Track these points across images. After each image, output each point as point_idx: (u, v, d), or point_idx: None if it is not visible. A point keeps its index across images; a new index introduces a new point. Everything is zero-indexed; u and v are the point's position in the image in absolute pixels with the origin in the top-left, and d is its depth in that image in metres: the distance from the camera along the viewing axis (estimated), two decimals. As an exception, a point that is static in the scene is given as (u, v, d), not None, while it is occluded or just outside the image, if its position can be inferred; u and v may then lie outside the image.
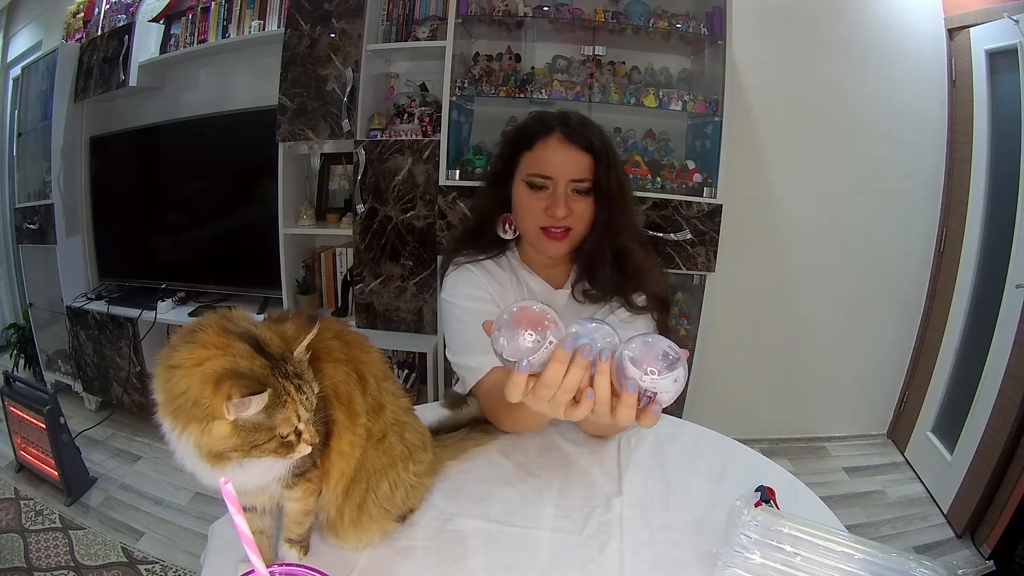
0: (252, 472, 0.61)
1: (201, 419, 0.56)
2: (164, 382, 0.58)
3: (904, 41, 2.30)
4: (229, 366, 0.56)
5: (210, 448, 0.57)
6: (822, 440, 2.59)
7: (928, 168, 2.40)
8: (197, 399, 0.56)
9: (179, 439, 0.57)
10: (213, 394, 0.55)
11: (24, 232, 2.96)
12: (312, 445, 0.61)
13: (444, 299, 1.09)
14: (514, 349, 0.60)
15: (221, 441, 0.56)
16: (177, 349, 0.58)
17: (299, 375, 0.60)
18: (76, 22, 2.88)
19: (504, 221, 1.09)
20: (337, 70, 2.19)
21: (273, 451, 0.59)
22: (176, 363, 0.57)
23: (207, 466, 0.58)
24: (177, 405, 0.56)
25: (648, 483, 0.89)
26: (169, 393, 0.57)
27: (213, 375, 0.55)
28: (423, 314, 2.26)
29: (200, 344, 0.58)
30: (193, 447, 0.57)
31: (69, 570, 1.79)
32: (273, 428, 0.58)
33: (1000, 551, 1.83)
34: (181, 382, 0.56)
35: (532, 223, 1.03)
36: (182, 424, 0.57)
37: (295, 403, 0.59)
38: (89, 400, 2.85)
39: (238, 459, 0.58)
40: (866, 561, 0.65)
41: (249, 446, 0.57)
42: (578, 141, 1.01)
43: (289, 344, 0.61)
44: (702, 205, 2.02)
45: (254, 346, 0.59)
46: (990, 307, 2.04)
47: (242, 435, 0.57)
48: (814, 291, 2.51)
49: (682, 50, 2.25)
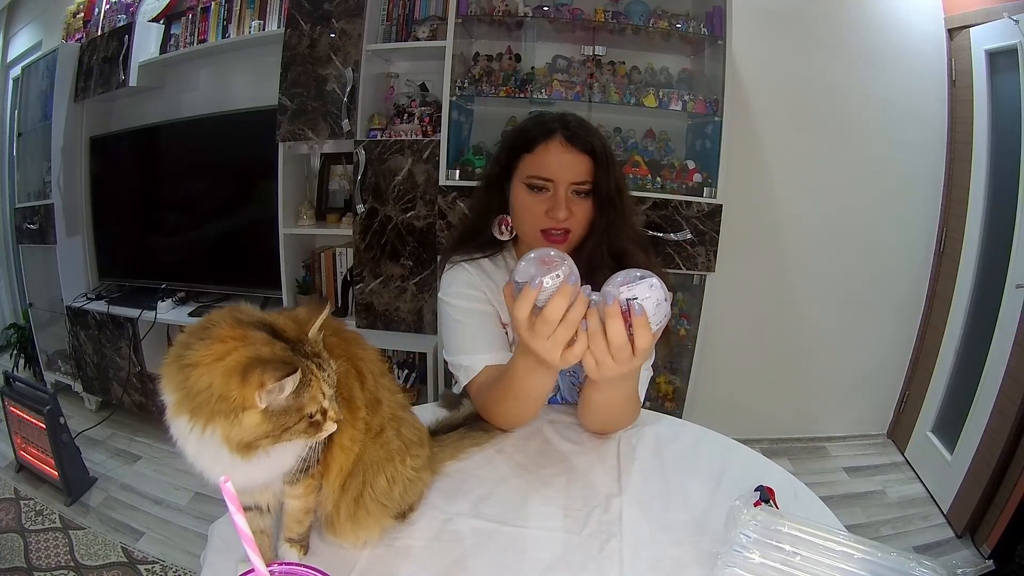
0: (270, 463, 0.61)
1: (228, 412, 0.56)
2: (180, 382, 0.57)
3: (904, 41, 2.30)
4: (253, 355, 0.57)
5: (240, 439, 0.57)
6: (822, 440, 2.59)
7: (928, 168, 2.40)
8: (222, 393, 0.56)
9: (200, 437, 0.57)
10: (242, 385, 0.55)
11: (24, 232, 2.96)
12: (337, 421, 0.63)
13: (440, 298, 1.10)
14: (526, 274, 0.69)
15: (252, 430, 0.57)
16: (191, 347, 0.58)
17: (317, 354, 0.61)
18: (76, 22, 2.88)
19: (500, 222, 1.09)
20: (337, 70, 2.19)
21: (303, 432, 0.60)
22: (192, 361, 0.57)
23: (236, 458, 0.58)
24: (198, 403, 0.56)
25: (648, 483, 0.89)
26: (186, 392, 0.57)
27: (238, 367, 0.56)
28: (423, 314, 2.26)
29: (216, 339, 0.58)
30: (222, 441, 0.57)
31: (69, 570, 1.79)
32: (302, 408, 0.59)
33: (1000, 551, 1.83)
34: (202, 379, 0.56)
35: (532, 225, 1.03)
36: (204, 421, 0.56)
37: (319, 380, 0.60)
38: (89, 400, 2.85)
39: (268, 445, 0.59)
40: (866, 561, 0.65)
41: (281, 430, 0.58)
42: (579, 144, 1.01)
43: (303, 327, 0.62)
44: (702, 205, 2.02)
45: (270, 333, 0.59)
46: (990, 307, 2.04)
47: (273, 420, 0.57)
48: (814, 291, 2.51)
49: (682, 50, 2.25)
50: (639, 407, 1.02)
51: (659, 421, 1.07)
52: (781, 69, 2.31)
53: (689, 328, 2.20)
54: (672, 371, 2.30)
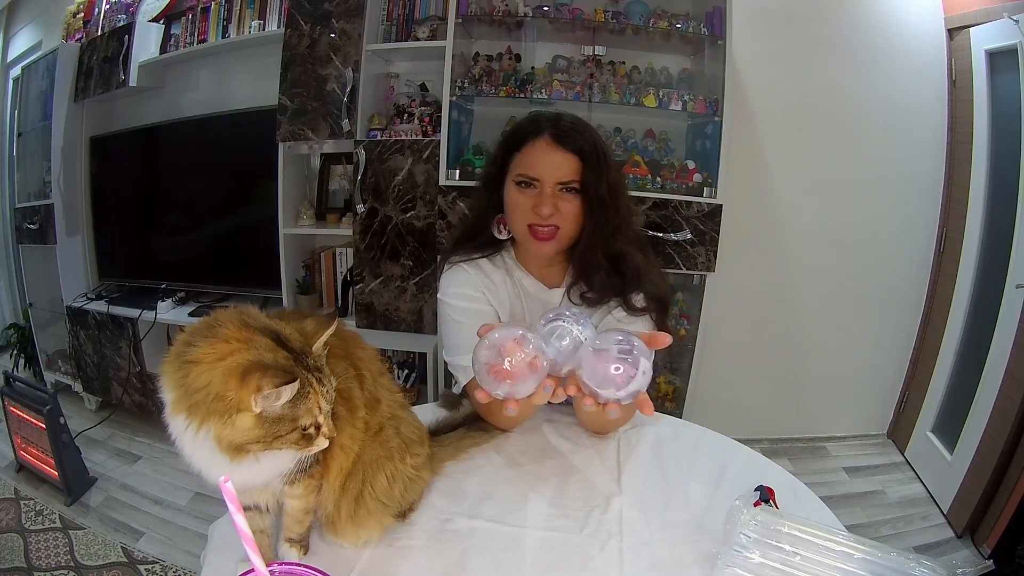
0: (264, 467, 0.61)
1: (223, 413, 0.56)
2: (180, 378, 0.58)
3: (904, 41, 2.30)
4: (254, 358, 0.57)
5: (231, 441, 0.57)
6: (822, 440, 2.59)
7: (928, 168, 2.39)
8: (220, 393, 0.56)
9: (195, 435, 0.57)
10: (239, 387, 0.56)
11: (24, 232, 2.96)
12: (330, 439, 0.63)
13: (439, 299, 1.10)
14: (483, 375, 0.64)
15: (244, 433, 0.57)
16: (194, 345, 0.58)
17: (319, 369, 0.62)
18: (76, 22, 2.88)
19: (499, 222, 1.10)
20: (337, 70, 2.19)
21: (294, 443, 0.60)
22: (194, 359, 0.57)
23: (226, 459, 0.58)
24: (195, 400, 0.57)
25: (648, 483, 0.89)
26: (185, 389, 0.57)
27: (238, 368, 0.56)
28: (423, 314, 2.26)
29: (221, 339, 0.58)
30: (213, 441, 0.57)
31: (69, 570, 1.79)
32: (296, 419, 0.59)
33: (1000, 551, 1.83)
34: (201, 377, 0.56)
35: (521, 221, 1.03)
36: (200, 419, 0.57)
37: (317, 395, 0.60)
38: (89, 400, 2.85)
39: (258, 451, 0.59)
40: (866, 561, 0.65)
41: (272, 437, 0.58)
42: (566, 144, 1.00)
43: (308, 339, 0.63)
44: (702, 205, 2.02)
45: (275, 340, 0.60)
46: (990, 307, 2.04)
47: (265, 427, 0.58)
48: (814, 291, 2.51)
49: (682, 50, 2.25)
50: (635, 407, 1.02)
51: (659, 421, 1.07)
52: (781, 69, 2.31)
53: (689, 328, 2.20)
54: (672, 371, 2.30)
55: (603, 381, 0.62)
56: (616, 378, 0.62)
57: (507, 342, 0.63)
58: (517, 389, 0.63)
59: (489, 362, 0.63)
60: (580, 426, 1.04)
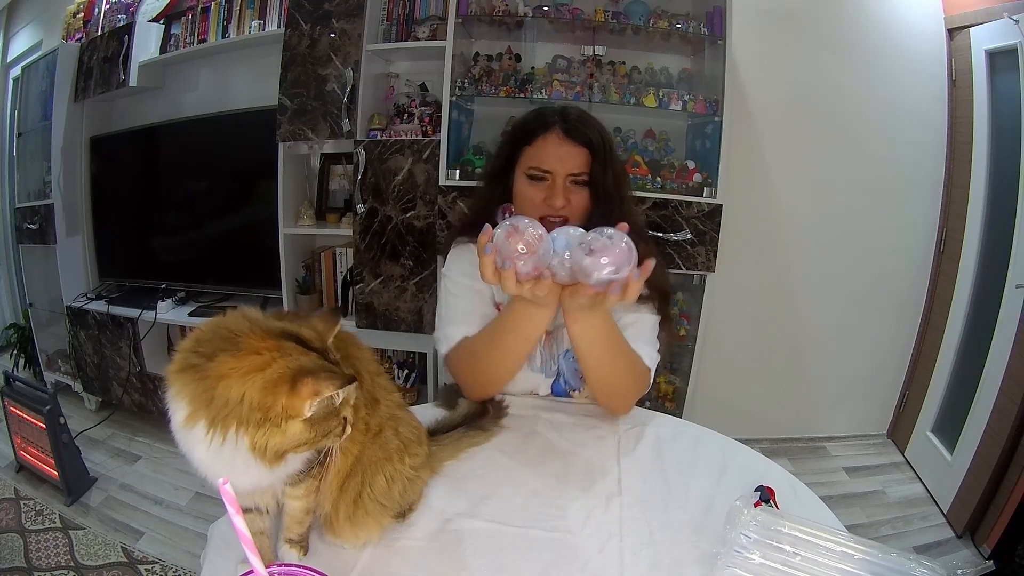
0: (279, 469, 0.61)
1: (262, 422, 0.56)
2: (201, 392, 0.56)
3: (904, 41, 2.30)
4: (295, 365, 0.58)
5: (277, 448, 0.58)
6: (822, 440, 2.59)
7: (928, 168, 2.40)
8: (261, 403, 0.56)
9: (221, 444, 0.56)
10: (290, 395, 0.57)
11: (24, 232, 2.96)
12: (353, 425, 0.65)
13: (442, 273, 1.15)
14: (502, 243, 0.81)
15: (294, 438, 0.58)
16: (214, 359, 0.57)
17: (338, 362, 0.64)
18: (76, 22, 2.88)
19: (504, 211, 1.12)
20: (337, 70, 2.19)
21: (338, 436, 0.63)
22: (220, 373, 0.56)
23: (264, 466, 0.58)
24: (224, 413, 0.56)
25: (648, 483, 0.89)
26: (207, 401, 0.56)
27: (285, 377, 0.57)
28: (423, 314, 2.26)
29: (249, 350, 0.58)
30: (249, 450, 0.57)
31: (69, 570, 1.79)
32: (338, 413, 0.61)
33: (1000, 551, 1.83)
34: (232, 391, 0.56)
35: (532, 213, 1.05)
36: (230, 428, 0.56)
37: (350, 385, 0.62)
38: (89, 400, 2.85)
39: (302, 452, 0.61)
40: (866, 561, 0.65)
41: (321, 436, 0.60)
42: (576, 137, 1.05)
43: (323, 337, 0.65)
44: (702, 205, 2.02)
45: (299, 343, 0.61)
46: (990, 307, 2.04)
47: (316, 427, 0.59)
48: (814, 291, 2.51)
49: (682, 50, 2.25)
50: (641, 371, 1.03)
51: (659, 421, 1.07)
52: (781, 69, 2.31)
53: (689, 328, 2.20)
54: (672, 371, 2.30)
55: (591, 265, 0.77)
56: (601, 251, 0.77)
57: (523, 220, 0.80)
58: (526, 259, 0.79)
59: (508, 232, 0.79)
60: (580, 426, 1.04)
